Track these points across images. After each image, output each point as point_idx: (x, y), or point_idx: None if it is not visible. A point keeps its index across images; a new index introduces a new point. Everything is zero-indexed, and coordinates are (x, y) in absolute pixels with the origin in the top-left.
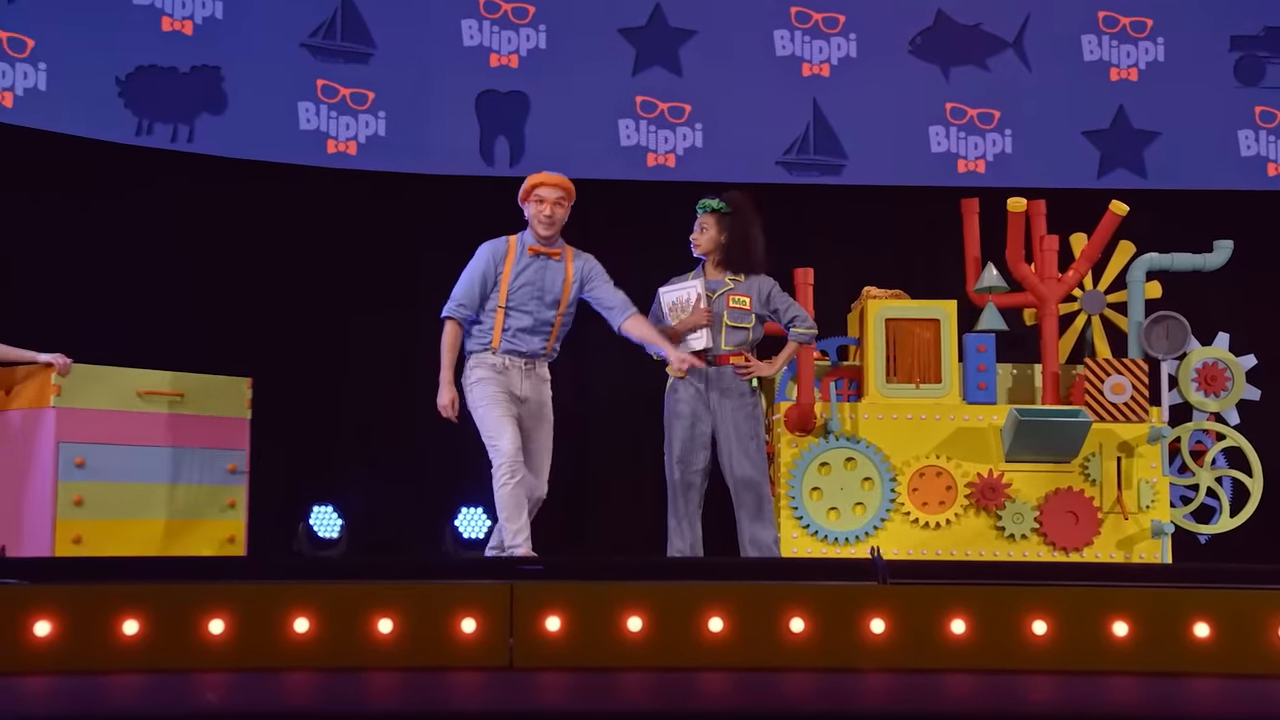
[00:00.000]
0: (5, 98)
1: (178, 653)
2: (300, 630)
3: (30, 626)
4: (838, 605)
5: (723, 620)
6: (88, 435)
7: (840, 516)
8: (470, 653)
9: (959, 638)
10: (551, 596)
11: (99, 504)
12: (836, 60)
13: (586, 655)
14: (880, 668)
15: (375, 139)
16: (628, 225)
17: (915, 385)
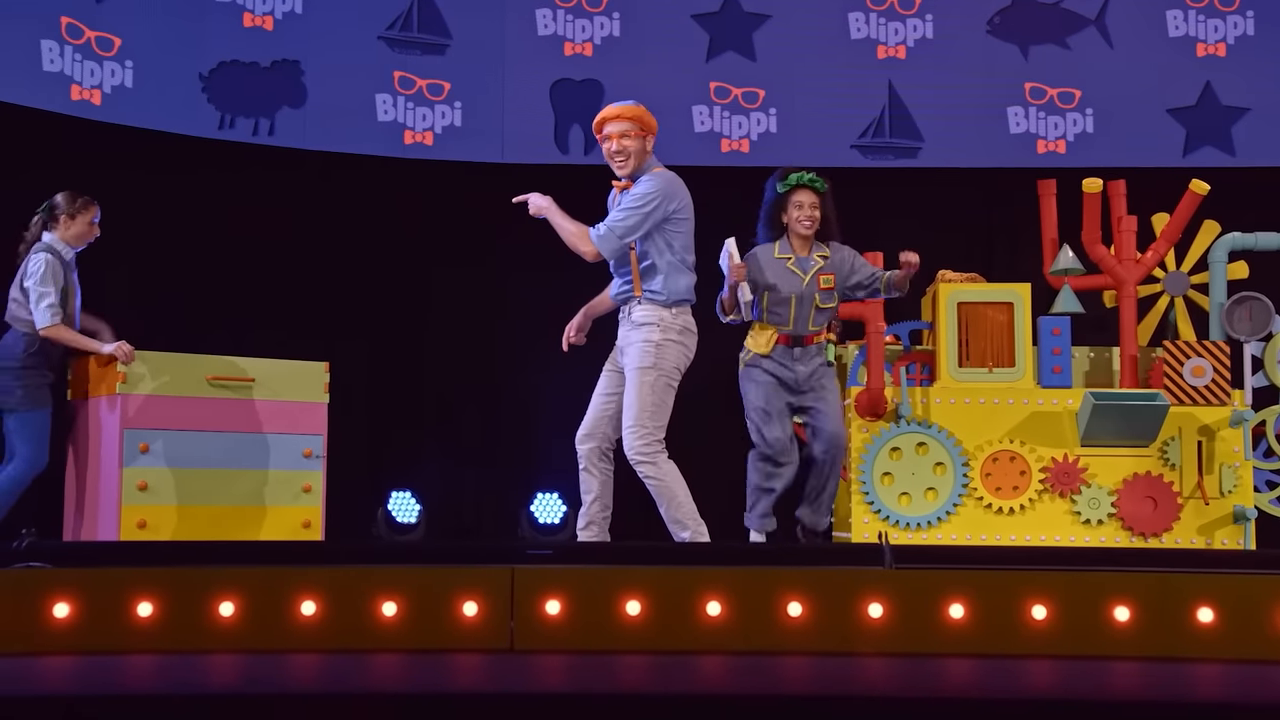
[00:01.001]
0: (94, 95)
1: (190, 634)
2: (307, 613)
3: (50, 609)
4: (840, 590)
5: (723, 604)
6: (153, 421)
7: (912, 501)
8: (472, 635)
9: (960, 623)
10: (551, 580)
11: (164, 489)
12: (913, 42)
13: (586, 638)
14: (882, 652)
15: (451, 129)
16: (701, 212)
17: (988, 369)
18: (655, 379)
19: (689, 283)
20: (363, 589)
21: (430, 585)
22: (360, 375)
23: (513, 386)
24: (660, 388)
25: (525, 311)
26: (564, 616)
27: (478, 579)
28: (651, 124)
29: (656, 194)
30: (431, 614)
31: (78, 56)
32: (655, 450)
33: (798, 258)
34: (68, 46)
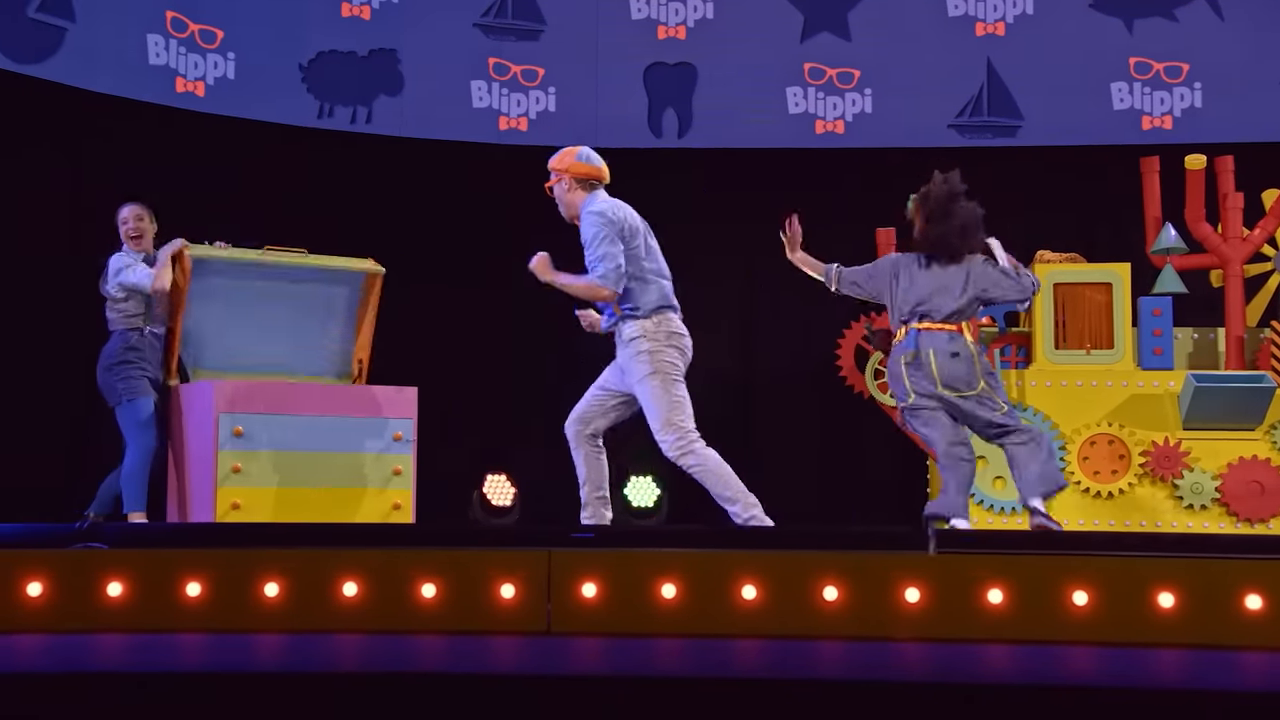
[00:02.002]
0: (198, 87)
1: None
2: (349, 594)
3: (104, 588)
4: (878, 575)
5: (758, 588)
6: (246, 406)
7: (1007, 485)
8: (509, 618)
9: (999, 608)
10: (588, 564)
11: (258, 472)
12: (1012, 18)
13: (622, 622)
14: (920, 638)
15: (545, 114)
16: (797, 194)
17: (1086, 351)
18: (659, 381)
19: (659, 291)
20: (403, 571)
21: (469, 568)
22: (457, 360)
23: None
24: (668, 385)
25: None
26: (600, 600)
27: (515, 562)
28: (570, 167)
29: (601, 233)
30: (470, 597)
31: (182, 49)
32: (688, 443)
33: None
34: (172, 40)
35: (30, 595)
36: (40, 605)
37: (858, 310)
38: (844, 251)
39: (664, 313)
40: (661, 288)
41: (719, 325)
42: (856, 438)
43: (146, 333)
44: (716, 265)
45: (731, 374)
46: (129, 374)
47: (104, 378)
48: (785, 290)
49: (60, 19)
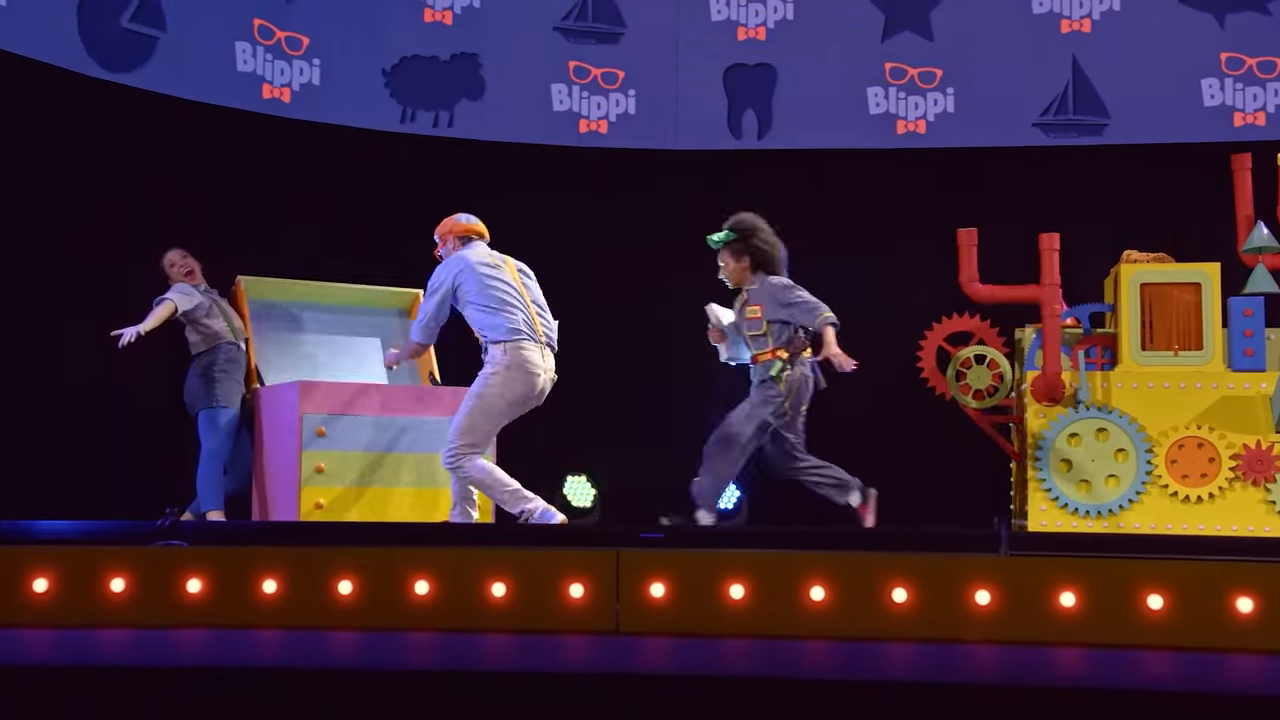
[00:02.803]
0: (284, 93)
1: (309, 612)
2: (421, 593)
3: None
4: (948, 577)
5: (826, 589)
6: (329, 406)
7: (1092, 489)
8: (579, 617)
9: (1071, 611)
10: (656, 564)
11: (340, 472)
12: (1099, 15)
13: (690, 622)
14: (990, 640)
15: (625, 117)
16: (877, 194)
17: (1174, 352)
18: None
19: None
20: (474, 570)
21: (539, 568)
22: None
23: (684, 373)
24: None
25: (698, 297)
26: (669, 600)
27: (585, 562)
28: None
29: (438, 284)
30: (539, 596)
31: (269, 56)
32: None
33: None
34: (259, 47)
35: (114, 591)
36: (123, 601)
37: (938, 311)
38: (926, 251)
39: (515, 341)
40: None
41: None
42: (937, 440)
43: (241, 346)
44: (797, 265)
45: None
46: (224, 381)
47: (196, 383)
48: (865, 290)
49: (152, 28)
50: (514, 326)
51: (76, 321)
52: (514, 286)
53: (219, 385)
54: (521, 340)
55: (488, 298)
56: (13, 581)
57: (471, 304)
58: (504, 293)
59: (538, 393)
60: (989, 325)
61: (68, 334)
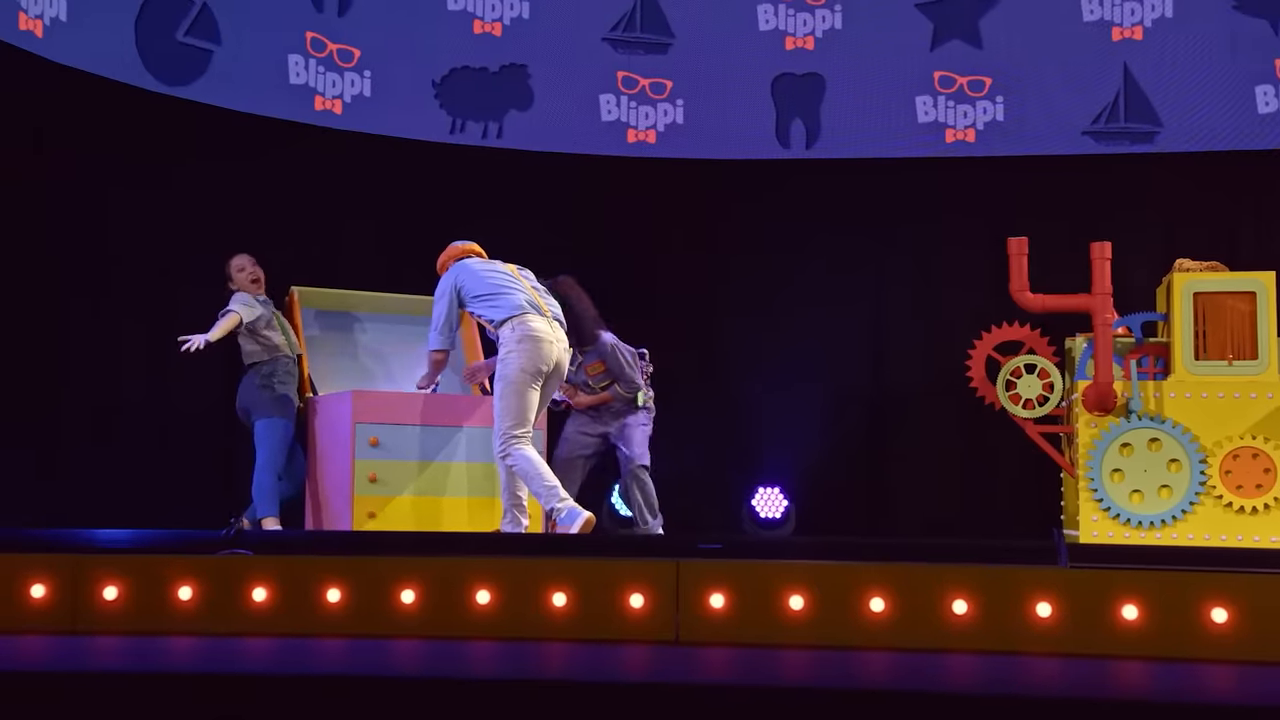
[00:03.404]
0: (335, 105)
1: (373, 620)
2: (482, 602)
3: (250, 592)
4: (1009, 588)
5: (886, 600)
6: (382, 416)
7: (1144, 499)
8: (638, 627)
9: (1134, 624)
10: (716, 574)
11: (392, 481)
12: (1150, 22)
13: (749, 632)
14: (1052, 653)
15: (673, 126)
16: (922, 202)
17: (1228, 362)
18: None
19: (504, 303)
20: (534, 580)
21: (599, 578)
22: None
23: (733, 379)
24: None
25: (747, 305)
26: (728, 610)
27: (645, 573)
28: (443, 259)
29: (442, 290)
30: (600, 606)
31: (320, 69)
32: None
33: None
34: (312, 59)
35: (181, 599)
36: (190, 609)
37: (988, 320)
38: (974, 260)
39: (520, 317)
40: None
41: (849, 335)
42: (988, 450)
43: (295, 359)
44: (846, 275)
45: (861, 385)
46: (282, 393)
47: (255, 393)
48: (915, 299)
49: (207, 42)
50: (516, 303)
51: (134, 328)
52: (511, 275)
53: (277, 396)
54: (525, 314)
55: (488, 287)
56: (81, 589)
57: (475, 298)
58: (502, 280)
59: (553, 361)
60: (1038, 334)
61: (125, 342)
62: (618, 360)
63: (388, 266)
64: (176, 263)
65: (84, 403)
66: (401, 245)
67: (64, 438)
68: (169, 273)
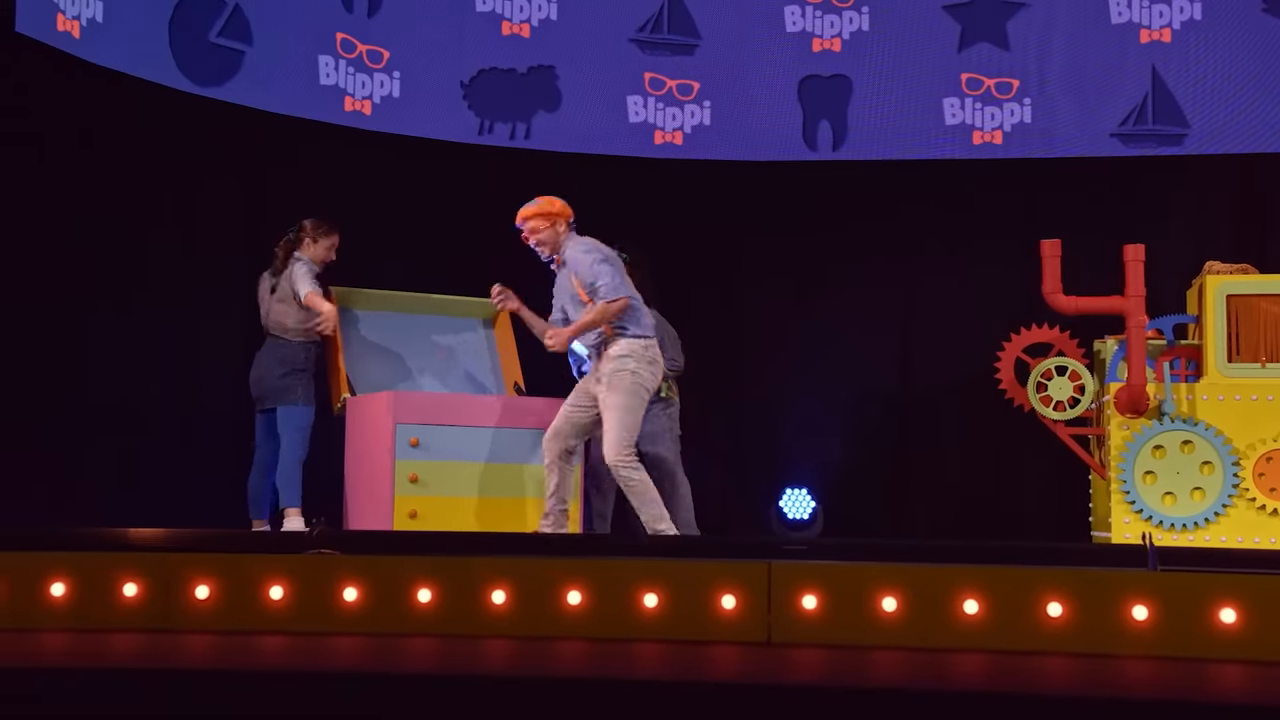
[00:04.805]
0: (365, 106)
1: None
2: (573, 603)
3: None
4: (1102, 590)
5: (980, 602)
6: (422, 417)
7: (1177, 502)
8: (730, 628)
9: (1229, 628)
10: (808, 576)
11: (433, 482)
12: (1179, 24)
13: (841, 633)
14: (1148, 655)
15: (701, 128)
16: (949, 205)
17: (1261, 364)
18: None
19: (649, 320)
20: (625, 581)
21: (690, 579)
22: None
23: (759, 382)
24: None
25: (772, 306)
26: (820, 611)
27: (735, 573)
28: (554, 210)
29: (592, 252)
30: (691, 606)
31: (350, 69)
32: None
33: None
34: (342, 60)
35: (273, 598)
36: (280, 608)
37: (1017, 322)
38: (1006, 261)
39: (651, 340)
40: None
41: (876, 336)
42: (1017, 451)
43: (321, 345)
44: (873, 277)
45: (889, 385)
46: (305, 381)
47: (277, 381)
48: (944, 301)
49: (239, 43)
50: (650, 323)
51: (168, 328)
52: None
53: (312, 382)
54: (654, 338)
55: (631, 290)
56: (173, 587)
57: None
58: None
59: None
60: (1068, 336)
61: (160, 342)
62: (661, 336)
63: (416, 268)
64: (208, 264)
65: (118, 403)
66: (427, 246)
67: (85, 437)
68: (202, 274)
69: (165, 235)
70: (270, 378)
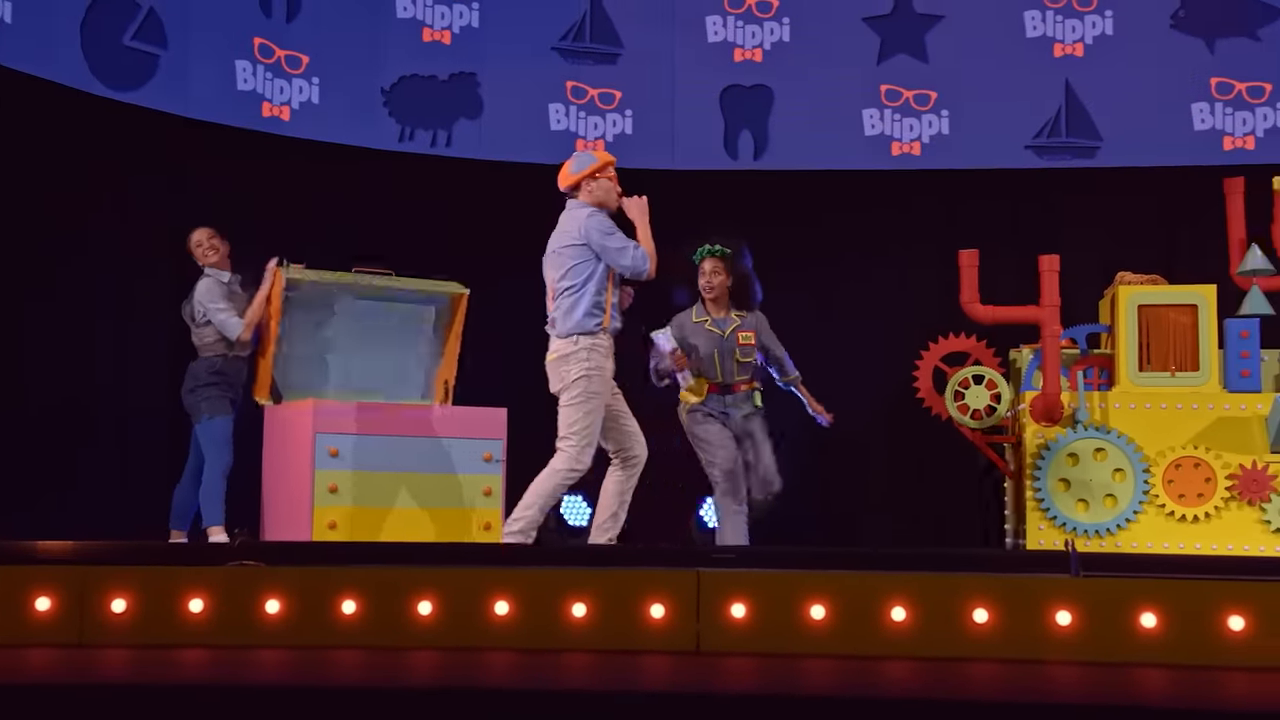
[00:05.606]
0: (283, 112)
1: (390, 632)
2: (501, 613)
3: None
4: (1027, 596)
5: (907, 610)
6: (341, 426)
7: (1089, 508)
8: (659, 637)
9: (1153, 632)
10: (737, 584)
11: (352, 492)
12: (1091, 39)
13: (771, 641)
14: (1069, 659)
15: (622, 137)
16: (868, 215)
17: (1170, 373)
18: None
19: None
20: (553, 591)
21: (619, 588)
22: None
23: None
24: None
25: None
26: (749, 619)
27: (665, 582)
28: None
29: (611, 228)
30: (620, 616)
31: (269, 75)
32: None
33: (714, 319)
34: (260, 65)
35: (192, 611)
36: (201, 621)
37: (935, 332)
38: (921, 273)
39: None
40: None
41: (796, 346)
42: (935, 460)
43: (230, 357)
44: (793, 285)
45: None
46: (211, 395)
47: (188, 399)
48: (863, 310)
49: (154, 46)
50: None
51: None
52: None
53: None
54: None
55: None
56: (89, 601)
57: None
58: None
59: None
60: (985, 346)
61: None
62: (773, 336)
63: None
64: (126, 268)
65: (46, 407)
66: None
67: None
68: (117, 278)
69: (76, 243)
70: (184, 393)
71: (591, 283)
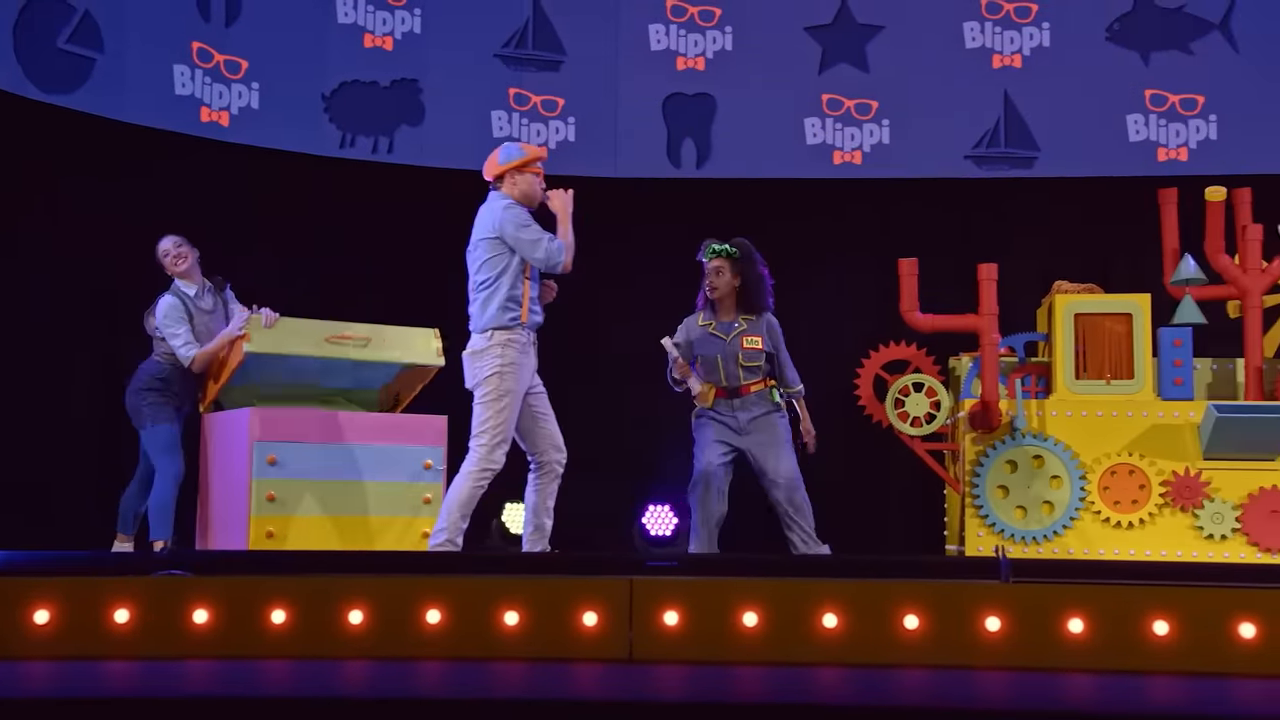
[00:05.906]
0: (222, 117)
1: (321, 641)
2: (432, 622)
3: (190, 615)
4: (956, 603)
5: (839, 617)
6: (280, 434)
7: (1027, 515)
8: (592, 645)
9: (1080, 638)
10: (670, 592)
11: (291, 501)
12: (1029, 50)
13: (703, 649)
14: (1000, 666)
15: (565, 144)
16: (809, 223)
17: (1106, 381)
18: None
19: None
20: (485, 599)
21: (551, 596)
22: None
23: (625, 398)
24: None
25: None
26: (682, 628)
27: (597, 590)
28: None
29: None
30: (552, 624)
31: (207, 80)
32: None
33: (719, 322)
34: (198, 70)
35: (118, 622)
36: (126, 632)
37: (875, 340)
38: (862, 281)
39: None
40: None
41: None
42: (877, 468)
43: (182, 368)
44: None
45: None
46: (153, 400)
47: (131, 400)
48: (801, 320)
49: (89, 49)
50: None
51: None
52: None
53: (164, 400)
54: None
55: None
56: (10, 613)
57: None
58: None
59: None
60: (924, 353)
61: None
62: (780, 344)
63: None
64: (61, 276)
65: None
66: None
67: None
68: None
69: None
70: (129, 392)
71: (506, 276)
